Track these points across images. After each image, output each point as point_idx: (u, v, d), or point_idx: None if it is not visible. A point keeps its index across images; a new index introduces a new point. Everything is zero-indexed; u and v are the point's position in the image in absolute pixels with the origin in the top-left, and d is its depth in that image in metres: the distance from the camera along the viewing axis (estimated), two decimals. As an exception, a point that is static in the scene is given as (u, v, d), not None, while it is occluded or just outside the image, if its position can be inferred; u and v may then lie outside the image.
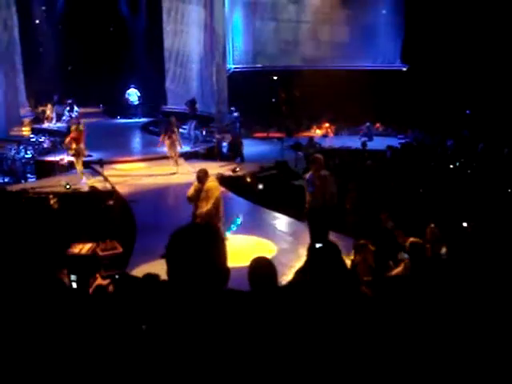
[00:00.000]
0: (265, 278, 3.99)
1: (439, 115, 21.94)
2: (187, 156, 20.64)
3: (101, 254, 10.00)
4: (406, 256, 7.23)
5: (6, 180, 17.47)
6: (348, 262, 8.92)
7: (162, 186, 16.87)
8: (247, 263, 4.26)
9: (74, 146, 16.21)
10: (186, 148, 21.44)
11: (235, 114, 23.34)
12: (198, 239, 2.49)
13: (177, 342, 2.49)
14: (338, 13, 26.05)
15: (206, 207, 9.79)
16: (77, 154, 16.31)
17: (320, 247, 3.96)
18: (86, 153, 16.96)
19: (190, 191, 10.13)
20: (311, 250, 4.95)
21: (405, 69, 25.51)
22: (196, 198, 10.02)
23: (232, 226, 10.88)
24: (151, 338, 2.62)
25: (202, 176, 10.12)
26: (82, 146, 16.37)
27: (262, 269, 4.11)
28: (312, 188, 10.27)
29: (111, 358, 2.95)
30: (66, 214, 13.13)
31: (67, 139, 16.62)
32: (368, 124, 23.72)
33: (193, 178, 15.70)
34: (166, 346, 2.51)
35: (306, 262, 5.44)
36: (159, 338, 2.56)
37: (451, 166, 16.62)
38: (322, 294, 3.50)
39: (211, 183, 10.10)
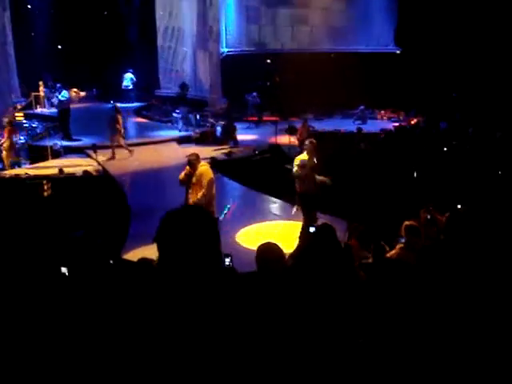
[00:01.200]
0: (271, 262, 4.00)
1: (432, 98, 21.93)
2: (180, 140, 20.64)
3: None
4: (402, 240, 7.24)
5: (-1, 166, 17.41)
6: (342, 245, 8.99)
7: (156, 170, 16.89)
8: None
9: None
10: (179, 132, 21.47)
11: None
12: (188, 223, 2.49)
13: (172, 326, 2.51)
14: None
15: (198, 194, 9.75)
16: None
17: (317, 229, 3.98)
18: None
19: (182, 175, 10.10)
20: (306, 232, 4.96)
21: (398, 52, 25.45)
22: (187, 183, 9.98)
23: (221, 212, 10.86)
24: (146, 323, 2.64)
25: (194, 160, 10.04)
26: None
27: (269, 253, 4.13)
28: (304, 172, 10.34)
29: (109, 346, 2.97)
30: (60, 199, 13.12)
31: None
32: (362, 107, 23.68)
33: (182, 160, 15.90)
34: (162, 331, 2.53)
35: (298, 247, 5.48)
36: (155, 324, 2.57)
37: (445, 149, 16.63)
38: (319, 275, 3.52)
39: (202, 168, 10.03)
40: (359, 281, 5.29)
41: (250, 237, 11.20)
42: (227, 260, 5.28)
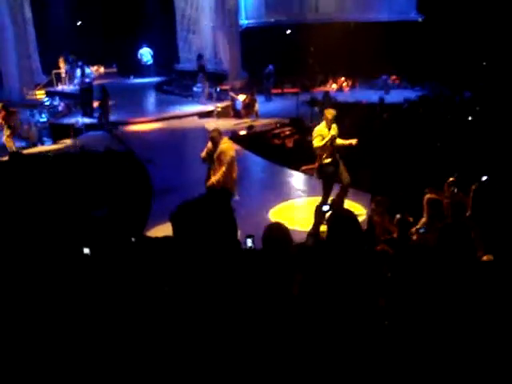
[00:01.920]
0: (277, 243, 3.94)
1: (456, 67, 21.53)
2: (201, 115, 20.58)
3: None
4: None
5: (22, 144, 17.50)
6: (365, 218, 8.89)
7: (178, 145, 16.88)
8: None
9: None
10: (199, 106, 21.40)
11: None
12: (204, 215, 2.46)
13: (189, 306, 2.50)
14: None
15: (217, 173, 9.62)
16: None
17: (336, 216, 3.90)
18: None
19: (204, 152, 9.97)
20: (320, 212, 4.89)
21: (420, 19, 24.97)
22: (209, 159, 9.85)
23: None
24: (173, 298, 2.65)
25: (216, 137, 9.86)
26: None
27: (275, 234, 4.06)
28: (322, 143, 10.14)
29: (137, 321, 2.96)
30: (82, 176, 13.14)
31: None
32: (384, 77, 23.36)
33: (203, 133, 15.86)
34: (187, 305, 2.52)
35: (314, 226, 5.41)
36: (180, 298, 2.57)
37: (469, 118, 16.36)
38: (338, 257, 3.46)
39: (224, 145, 9.83)
40: (383, 256, 5.23)
41: (283, 214, 11.06)
42: (249, 241, 5.21)
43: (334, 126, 10.27)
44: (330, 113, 10.28)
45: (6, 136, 16.26)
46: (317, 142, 10.10)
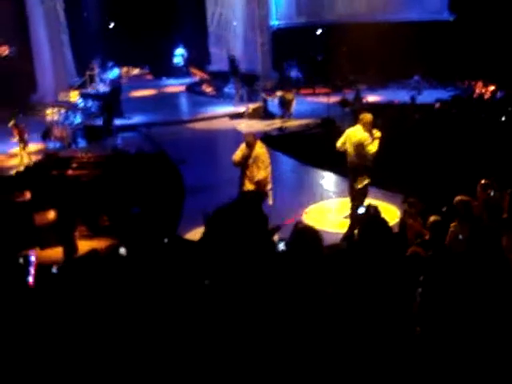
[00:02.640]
0: (309, 248, 3.97)
1: (489, 66, 21.25)
2: (233, 116, 20.66)
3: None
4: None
5: (57, 145, 17.78)
6: (398, 221, 8.87)
7: (209, 145, 17.00)
8: None
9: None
10: (231, 107, 21.48)
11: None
12: (237, 220, 2.51)
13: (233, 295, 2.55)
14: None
15: (255, 176, 9.68)
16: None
17: (366, 220, 3.92)
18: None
19: (237, 155, 9.95)
20: (355, 213, 4.92)
21: (452, 19, 24.70)
22: (243, 163, 9.88)
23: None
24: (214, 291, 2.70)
25: (251, 141, 9.91)
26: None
27: (307, 238, 4.09)
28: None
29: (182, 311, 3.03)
30: (114, 177, 13.32)
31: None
32: (417, 77, 23.16)
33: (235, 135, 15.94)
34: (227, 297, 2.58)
35: (349, 229, 5.43)
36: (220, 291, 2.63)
37: (503, 119, 16.17)
38: (370, 262, 3.48)
39: (260, 150, 9.87)
40: (415, 259, 5.22)
41: (317, 215, 11.07)
42: (282, 244, 5.24)
43: (374, 130, 10.17)
44: (367, 117, 10.18)
45: (21, 149, 16.48)
46: (374, 147, 9.99)
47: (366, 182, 10.17)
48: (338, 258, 4.07)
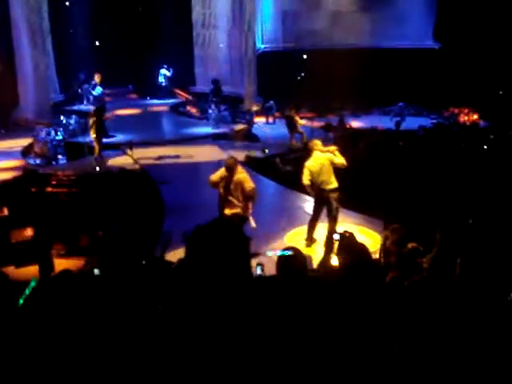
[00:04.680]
0: (294, 269, 3.91)
1: (472, 95, 21.47)
2: (214, 137, 20.67)
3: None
4: None
5: (37, 162, 17.61)
6: (378, 247, 8.81)
7: (190, 167, 16.92)
8: None
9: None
10: (212, 129, 21.50)
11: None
12: (217, 241, 2.44)
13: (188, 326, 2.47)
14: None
15: (239, 203, 9.60)
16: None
17: (347, 247, 3.85)
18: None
19: (215, 176, 9.86)
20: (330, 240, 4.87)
21: (437, 47, 25.00)
22: (224, 188, 9.74)
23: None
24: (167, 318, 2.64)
25: (231, 165, 9.77)
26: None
27: (292, 260, 4.03)
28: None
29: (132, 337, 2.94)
30: (96, 195, 13.18)
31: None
32: (401, 104, 23.35)
33: (217, 157, 15.90)
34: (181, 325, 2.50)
35: (325, 256, 5.39)
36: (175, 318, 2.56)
37: (485, 147, 16.29)
38: (348, 288, 3.41)
39: (242, 175, 9.76)
40: (394, 285, 5.16)
41: (299, 239, 11.01)
42: (259, 269, 5.26)
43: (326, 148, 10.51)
44: (315, 143, 10.71)
45: None
46: (341, 159, 10.27)
47: (336, 206, 10.43)
48: (317, 285, 4.00)
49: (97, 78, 19.79)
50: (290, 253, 4.60)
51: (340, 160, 10.32)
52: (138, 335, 3.13)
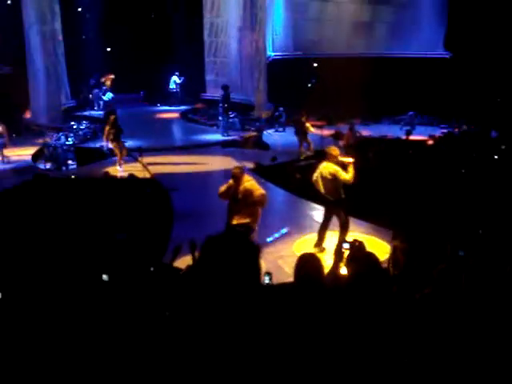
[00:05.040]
0: (310, 275, 3.90)
1: (483, 105, 21.40)
2: (224, 144, 20.71)
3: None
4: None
5: (47, 167, 17.68)
6: (386, 256, 8.78)
7: (199, 174, 16.93)
8: None
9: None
10: (222, 136, 21.55)
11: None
12: (228, 251, 2.44)
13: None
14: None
15: (247, 213, 9.51)
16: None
17: (357, 258, 3.84)
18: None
19: (223, 188, 9.81)
20: (340, 249, 4.85)
21: (448, 56, 24.95)
22: (231, 198, 9.66)
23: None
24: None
25: (238, 174, 9.58)
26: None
27: (308, 265, 4.02)
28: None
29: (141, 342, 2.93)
30: (106, 201, 13.20)
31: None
32: (411, 113, 23.29)
33: (227, 165, 15.91)
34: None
35: (335, 264, 5.37)
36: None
37: (495, 157, 16.22)
38: (357, 297, 3.40)
39: (249, 183, 9.66)
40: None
41: (308, 247, 10.97)
42: (267, 278, 5.26)
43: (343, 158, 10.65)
44: (332, 151, 10.70)
45: None
46: (349, 175, 10.22)
47: (345, 217, 10.43)
48: (327, 294, 3.99)
49: (108, 82, 19.90)
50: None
51: (346, 176, 10.23)
52: (144, 340, 3.13)
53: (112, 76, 23.26)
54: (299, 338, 2.92)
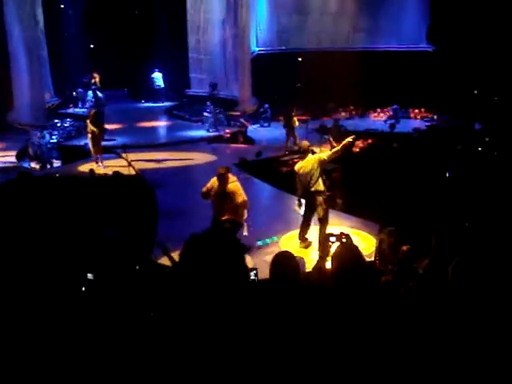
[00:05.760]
0: (286, 273, 3.90)
1: (467, 98, 21.50)
2: (210, 140, 20.68)
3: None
4: None
5: (32, 165, 17.57)
6: (373, 250, 8.81)
7: (184, 170, 16.90)
8: None
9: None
10: (208, 132, 21.53)
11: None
12: (212, 250, 2.43)
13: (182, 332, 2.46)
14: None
15: (231, 213, 9.59)
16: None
17: (340, 251, 3.84)
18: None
19: (205, 189, 9.86)
20: (326, 242, 4.85)
21: (431, 50, 25.02)
22: (216, 198, 9.73)
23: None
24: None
25: (223, 174, 9.69)
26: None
27: (284, 263, 4.02)
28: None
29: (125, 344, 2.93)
30: (90, 199, 13.15)
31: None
32: (395, 107, 23.38)
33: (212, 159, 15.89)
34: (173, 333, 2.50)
35: (320, 259, 5.36)
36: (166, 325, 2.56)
37: (479, 149, 16.32)
38: (344, 292, 3.41)
39: (233, 184, 9.75)
40: (386, 288, 5.15)
41: (294, 242, 10.99)
42: (252, 274, 5.26)
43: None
44: (305, 144, 11.06)
45: None
46: (328, 152, 10.44)
47: (324, 207, 10.39)
48: (313, 290, 4.00)
49: (96, 79, 19.79)
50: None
51: (328, 153, 10.59)
52: (130, 339, 3.11)
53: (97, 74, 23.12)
54: (284, 335, 2.92)
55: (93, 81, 22.45)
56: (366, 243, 10.43)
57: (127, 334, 3.24)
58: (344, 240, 4.79)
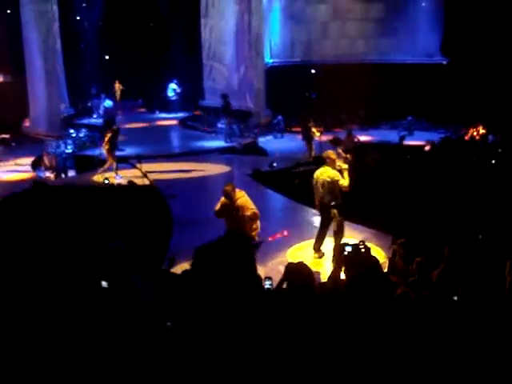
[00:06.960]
0: (301, 284, 3.92)
1: (481, 110, 21.43)
2: (223, 151, 20.74)
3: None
4: None
5: (47, 174, 17.70)
6: (385, 261, 8.79)
7: (198, 181, 16.95)
8: None
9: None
10: (223, 143, 21.60)
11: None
12: (222, 258, 2.47)
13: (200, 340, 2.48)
14: (376, 6, 25.64)
15: (243, 228, 9.60)
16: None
17: (357, 260, 3.86)
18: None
19: (217, 207, 9.89)
20: (342, 253, 4.85)
21: (445, 62, 24.98)
22: (227, 216, 9.75)
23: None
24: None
25: (230, 191, 9.68)
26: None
27: (299, 274, 4.03)
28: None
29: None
30: (105, 209, 13.21)
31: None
32: (410, 118, 23.36)
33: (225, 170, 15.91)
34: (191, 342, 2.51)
35: (336, 268, 5.35)
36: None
37: (493, 162, 16.23)
38: (357, 302, 3.41)
39: (242, 199, 9.75)
40: (404, 300, 5.14)
41: (302, 254, 10.96)
42: (268, 283, 5.25)
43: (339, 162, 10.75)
44: (330, 155, 10.71)
45: None
46: (346, 181, 10.26)
47: (339, 219, 10.42)
48: (327, 299, 4.00)
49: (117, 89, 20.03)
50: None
51: (343, 182, 10.31)
52: (144, 346, 3.14)
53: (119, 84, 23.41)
54: (298, 343, 2.94)
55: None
56: (376, 256, 10.37)
57: (141, 341, 3.27)
58: (362, 248, 4.80)
